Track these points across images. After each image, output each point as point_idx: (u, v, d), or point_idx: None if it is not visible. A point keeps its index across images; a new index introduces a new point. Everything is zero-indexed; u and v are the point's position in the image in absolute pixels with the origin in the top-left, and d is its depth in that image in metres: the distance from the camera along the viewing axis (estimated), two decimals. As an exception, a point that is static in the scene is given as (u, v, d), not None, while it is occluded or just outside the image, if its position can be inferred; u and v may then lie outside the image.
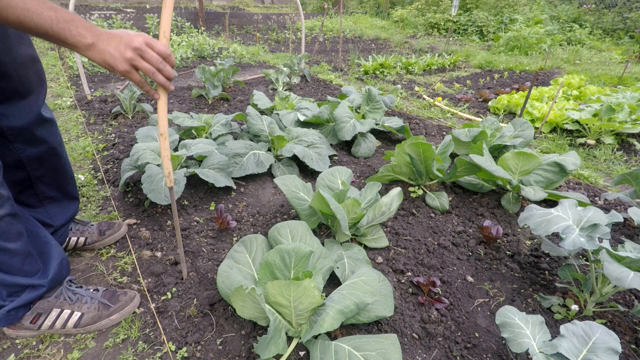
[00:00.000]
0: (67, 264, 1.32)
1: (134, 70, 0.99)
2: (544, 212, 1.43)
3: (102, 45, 0.93)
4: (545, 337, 1.09)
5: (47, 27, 0.84)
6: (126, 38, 0.95)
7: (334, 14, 12.80)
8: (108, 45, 0.93)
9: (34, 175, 1.36)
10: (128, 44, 0.95)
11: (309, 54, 5.30)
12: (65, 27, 0.87)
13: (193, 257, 1.65)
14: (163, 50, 1.01)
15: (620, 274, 1.12)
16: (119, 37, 0.95)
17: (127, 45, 0.95)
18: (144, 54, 0.98)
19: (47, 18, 0.84)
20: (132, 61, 0.96)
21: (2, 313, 1.18)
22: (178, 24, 7.98)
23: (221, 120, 2.66)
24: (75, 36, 0.89)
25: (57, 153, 1.40)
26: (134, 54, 0.96)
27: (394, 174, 2.20)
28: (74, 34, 0.88)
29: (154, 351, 1.23)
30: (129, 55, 0.95)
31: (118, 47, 0.94)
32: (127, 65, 0.96)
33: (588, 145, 3.09)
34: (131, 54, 0.95)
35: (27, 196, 1.39)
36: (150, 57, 0.99)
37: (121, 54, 0.94)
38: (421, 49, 7.81)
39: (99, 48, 0.92)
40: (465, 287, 1.56)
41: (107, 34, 0.94)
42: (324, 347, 1.13)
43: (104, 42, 0.93)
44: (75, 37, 0.89)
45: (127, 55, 0.95)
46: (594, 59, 6.92)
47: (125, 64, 0.96)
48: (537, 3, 10.50)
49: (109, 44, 0.93)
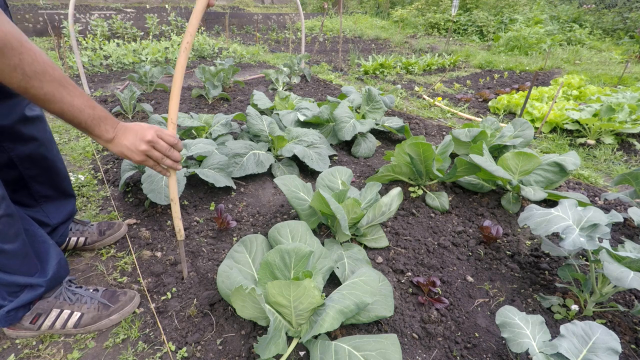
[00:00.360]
0: (65, 264, 1.31)
1: (147, 158, 1.14)
2: (544, 212, 1.43)
3: (120, 140, 1.08)
4: (545, 337, 1.09)
5: (82, 122, 0.99)
6: (140, 132, 1.10)
7: (334, 14, 12.81)
8: (125, 139, 1.08)
9: (27, 174, 1.35)
10: (142, 138, 1.10)
11: (309, 54, 5.30)
12: (95, 124, 1.02)
13: (193, 257, 1.65)
14: (171, 140, 1.17)
15: (620, 274, 1.12)
16: (134, 132, 1.09)
17: (141, 139, 1.09)
18: (156, 145, 1.13)
19: (85, 115, 0.98)
20: (145, 152, 1.12)
21: (2, 313, 1.18)
22: (178, 23, 7.98)
23: (221, 120, 2.66)
24: (102, 132, 1.04)
25: (49, 150, 1.39)
26: (147, 146, 1.11)
27: (394, 174, 2.20)
28: (101, 130, 1.04)
29: (154, 351, 1.23)
30: (143, 147, 1.10)
31: (134, 142, 1.09)
32: (142, 156, 1.12)
33: (588, 145, 3.09)
34: (145, 146, 1.10)
35: (22, 195, 1.38)
36: (160, 147, 1.14)
37: (136, 147, 1.09)
38: (421, 49, 7.81)
39: (117, 141, 1.08)
40: (465, 287, 1.56)
41: (124, 129, 1.09)
42: (324, 347, 1.13)
43: (121, 137, 1.08)
44: (102, 132, 1.04)
45: (141, 148, 1.10)
46: (594, 59, 6.92)
47: (140, 155, 1.11)
48: (537, 3, 10.50)
49: (126, 138, 1.08)
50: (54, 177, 1.45)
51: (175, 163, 1.21)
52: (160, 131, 1.14)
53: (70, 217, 1.57)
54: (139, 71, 3.85)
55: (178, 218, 1.35)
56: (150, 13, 8.22)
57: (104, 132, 1.04)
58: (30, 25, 7.10)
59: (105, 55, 5.48)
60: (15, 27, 0.84)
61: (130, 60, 5.28)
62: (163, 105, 3.65)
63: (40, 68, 0.87)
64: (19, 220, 1.14)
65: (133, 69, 5.14)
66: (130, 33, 7.10)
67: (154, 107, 3.55)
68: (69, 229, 1.60)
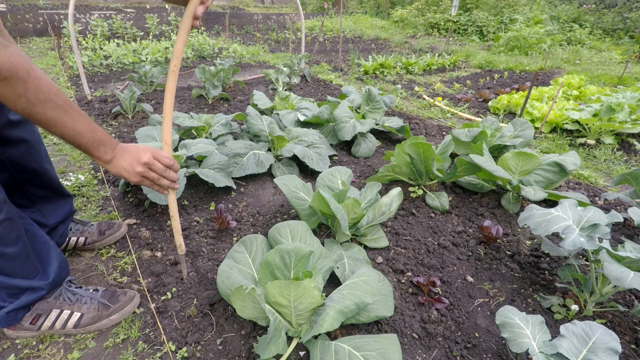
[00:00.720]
0: (66, 265, 1.32)
1: (144, 179, 1.19)
2: (544, 212, 1.43)
3: (117, 161, 1.13)
4: (545, 337, 1.09)
5: (82, 144, 1.04)
6: (137, 155, 1.15)
7: (334, 14, 12.81)
8: (123, 161, 1.13)
9: (20, 177, 1.35)
10: (138, 160, 1.14)
11: (309, 54, 5.30)
12: (95, 147, 1.07)
13: (193, 257, 1.65)
14: (167, 161, 1.22)
15: (620, 274, 1.12)
16: (131, 154, 1.14)
17: (137, 161, 1.14)
18: (152, 166, 1.18)
19: (86, 138, 1.04)
20: (142, 174, 1.17)
21: (2, 314, 1.18)
22: (178, 23, 7.98)
23: (221, 120, 2.66)
24: (101, 154, 1.10)
25: (38, 152, 1.39)
26: (143, 168, 1.16)
27: (394, 174, 2.20)
28: (100, 153, 1.09)
29: (154, 351, 1.23)
30: (139, 169, 1.15)
31: (131, 163, 1.14)
32: (138, 177, 1.17)
33: (588, 145, 3.09)
34: (141, 168, 1.15)
35: (18, 197, 1.38)
36: (156, 169, 1.19)
37: (133, 169, 1.14)
38: (421, 49, 7.81)
39: (114, 163, 1.13)
40: (465, 287, 1.56)
41: (122, 151, 1.14)
42: (324, 347, 1.13)
43: (119, 158, 1.13)
44: (101, 154, 1.10)
45: (138, 170, 1.15)
46: (594, 59, 6.92)
47: (137, 176, 1.16)
48: (537, 3, 10.50)
49: (124, 159, 1.14)
50: (45, 177, 1.44)
51: (172, 183, 1.26)
52: (156, 153, 1.19)
53: (68, 216, 1.57)
54: (139, 71, 3.85)
55: (178, 233, 1.38)
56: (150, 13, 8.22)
57: (102, 154, 1.10)
58: (30, 25, 7.10)
59: (105, 55, 5.48)
60: (24, 55, 0.88)
61: (130, 60, 5.28)
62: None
63: (44, 96, 0.92)
64: (19, 223, 1.14)
65: (133, 69, 5.14)
66: (130, 33, 7.09)
67: (154, 107, 3.55)
68: (68, 228, 1.60)
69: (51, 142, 2.73)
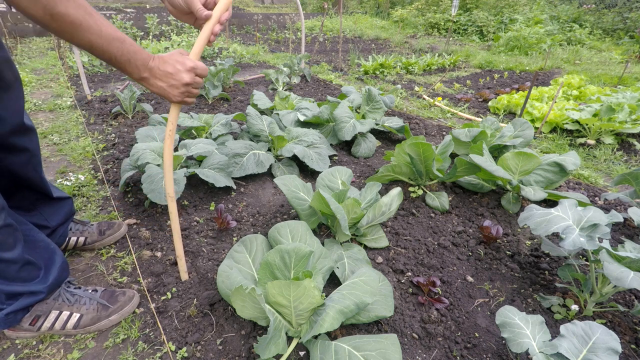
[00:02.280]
0: (66, 267, 1.32)
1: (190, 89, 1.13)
2: (544, 212, 1.43)
3: (154, 81, 1.07)
4: (545, 337, 1.09)
5: (112, 57, 0.97)
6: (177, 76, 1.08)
7: (334, 14, 12.80)
8: (160, 82, 1.07)
9: (20, 183, 1.35)
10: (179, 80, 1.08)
11: (309, 54, 5.30)
12: (126, 60, 0.99)
13: (193, 257, 1.65)
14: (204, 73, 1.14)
15: (620, 274, 1.12)
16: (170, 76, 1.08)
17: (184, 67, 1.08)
18: (197, 70, 1.11)
19: (114, 48, 0.95)
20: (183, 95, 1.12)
21: (1, 316, 1.18)
22: (178, 23, 7.98)
23: (221, 120, 2.66)
24: (133, 70, 1.02)
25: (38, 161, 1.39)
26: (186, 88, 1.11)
27: (394, 174, 2.20)
28: (132, 68, 1.02)
29: (154, 351, 1.23)
30: (187, 79, 1.09)
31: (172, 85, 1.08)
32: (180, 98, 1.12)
33: (588, 145, 3.09)
34: (184, 88, 1.10)
35: (18, 200, 1.38)
36: (202, 71, 1.12)
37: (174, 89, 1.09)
38: (421, 49, 7.81)
39: (151, 82, 1.07)
40: (465, 287, 1.56)
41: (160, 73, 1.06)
42: (324, 347, 1.13)
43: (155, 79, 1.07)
44: (133, 71, 1.03)
45: (185, 80, 1.09)
46: (594, 59, 6.92)
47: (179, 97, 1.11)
48: (537, 3, 10.50)
49: (162, 80, 1.07)
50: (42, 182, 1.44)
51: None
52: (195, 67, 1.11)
53: (69, 217, 1.57)
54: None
55: (181, 257, 1.33)
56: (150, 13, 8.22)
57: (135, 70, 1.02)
58: (30, 25, 7.10)
59: (105, 55, 5.47)
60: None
61: (130, 60, 5.27)
62: (163, 105, 3.65)
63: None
64: (17, 228, 1.14)
65: (133, 69, 5.13)
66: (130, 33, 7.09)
67: (153, 107, 3.55)
68: (68, 229, 1.60)
69: (51, 143, 2.73)
